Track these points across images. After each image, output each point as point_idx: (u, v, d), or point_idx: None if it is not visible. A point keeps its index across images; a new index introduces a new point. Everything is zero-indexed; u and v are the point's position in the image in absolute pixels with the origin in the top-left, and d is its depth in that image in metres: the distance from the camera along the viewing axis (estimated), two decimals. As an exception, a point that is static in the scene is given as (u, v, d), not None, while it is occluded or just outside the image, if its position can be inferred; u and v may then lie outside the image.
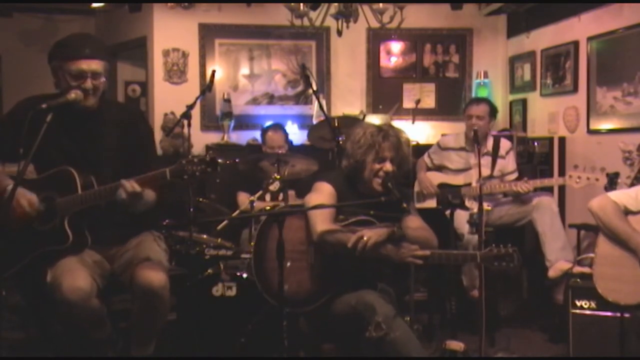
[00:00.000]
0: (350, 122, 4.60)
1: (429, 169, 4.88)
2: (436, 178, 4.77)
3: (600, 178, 4.13)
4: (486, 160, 4.54)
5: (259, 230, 3.12)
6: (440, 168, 4.83)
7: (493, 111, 4.69)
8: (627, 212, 3.15)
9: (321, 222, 2.91)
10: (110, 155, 2.87)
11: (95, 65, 2.77)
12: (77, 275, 2.67)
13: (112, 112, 2.96)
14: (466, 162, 4.70)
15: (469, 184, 4.60)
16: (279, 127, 4.89)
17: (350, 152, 3.10)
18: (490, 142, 4.67)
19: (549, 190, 4.81)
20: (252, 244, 3.17)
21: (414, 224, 3.00)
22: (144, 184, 2.70)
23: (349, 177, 3.15)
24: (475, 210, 3.62)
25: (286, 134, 4.85)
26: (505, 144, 4.73)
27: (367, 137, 3.06)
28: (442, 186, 4.71)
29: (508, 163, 4.69)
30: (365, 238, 2.76)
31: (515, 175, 4.64)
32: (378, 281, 3.03)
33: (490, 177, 4.57)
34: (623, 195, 3.21)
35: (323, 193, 3.05)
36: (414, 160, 4.82)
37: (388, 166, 3.03)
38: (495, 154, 4.65)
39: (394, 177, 3.03)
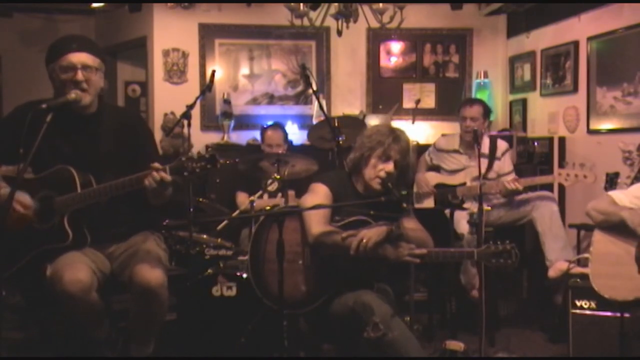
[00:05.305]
0: (350, 122, 4.63)
1: (429, 168, 4.88)
2: (433, 178, 4.77)
3: (589, 176, 4.07)
4: (482, 162, 4.51)
5: (255, 233, 3.10)
6: (437, 168, 4.83)
7: (487, 112, 4.65)
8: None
9: (316, 223, 2.90)
10: (108, 158, 2.85)
11: (84, 57, 2.76)
12: (77, 268, 2.68)
13: (111, 115, 2.95)
14: (459, 164, 4.69)
15: (464, 184, 4.59)
16: (278, 126, 4.89)
17: (358, 145, 3.11)
18: (486, 143, 4.61)
19: (549, 189, 4.80)
20: (249, 245, 3.14)
21: (410, 224, 3.01)
22: (143, 181, 2.67)
23: (350, 174, 3.15)
24: (473, 210, 3.61)
25: (285, 134, 4.85)
26: (501, 145, 4.69)
27: (379, 133, 3.08)
28: (439, 186, 4.71)
29: (504, 164, 4.66)
30: (365, 240, 2.75)
31: (511, 176, 4.57)
32: (375, 281, 3.02)
33: (485, 178, 4.53)
34: (619, 193, 3.19)
35: (318, 194, 3.05)
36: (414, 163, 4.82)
37: (390, 166, 3.02)
38: (492, 156, 4.62)
39: (395, 180, 3.02)
